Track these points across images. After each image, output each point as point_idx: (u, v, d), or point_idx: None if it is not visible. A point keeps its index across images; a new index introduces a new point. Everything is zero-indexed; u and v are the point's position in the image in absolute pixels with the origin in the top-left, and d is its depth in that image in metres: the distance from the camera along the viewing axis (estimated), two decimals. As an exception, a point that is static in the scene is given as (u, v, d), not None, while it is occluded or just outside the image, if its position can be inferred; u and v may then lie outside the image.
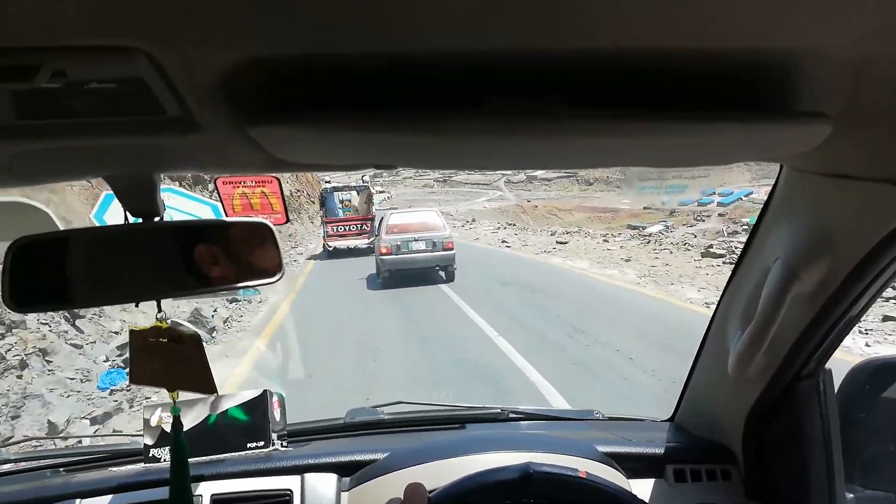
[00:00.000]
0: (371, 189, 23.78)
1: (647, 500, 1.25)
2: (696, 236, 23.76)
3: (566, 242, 24.78)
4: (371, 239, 19.13)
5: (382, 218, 16.31)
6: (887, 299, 8.98)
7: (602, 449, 1.52)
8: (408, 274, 13.78)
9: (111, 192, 1.08)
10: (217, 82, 0.61)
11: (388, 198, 66.33)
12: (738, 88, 0.67)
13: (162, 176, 1.04)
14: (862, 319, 1.24)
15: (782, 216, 1.17)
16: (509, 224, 41.54)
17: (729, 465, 1.50)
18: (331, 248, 21.52)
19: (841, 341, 1.23)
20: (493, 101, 0.64)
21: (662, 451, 1.56)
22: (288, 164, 0.85)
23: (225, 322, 10.45)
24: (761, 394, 1.34)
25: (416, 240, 14.03)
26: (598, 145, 0.77)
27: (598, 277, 14.65)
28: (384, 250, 13.95)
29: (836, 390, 1.31)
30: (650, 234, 26.00)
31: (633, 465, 1.52)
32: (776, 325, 1.16)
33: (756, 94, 0.68)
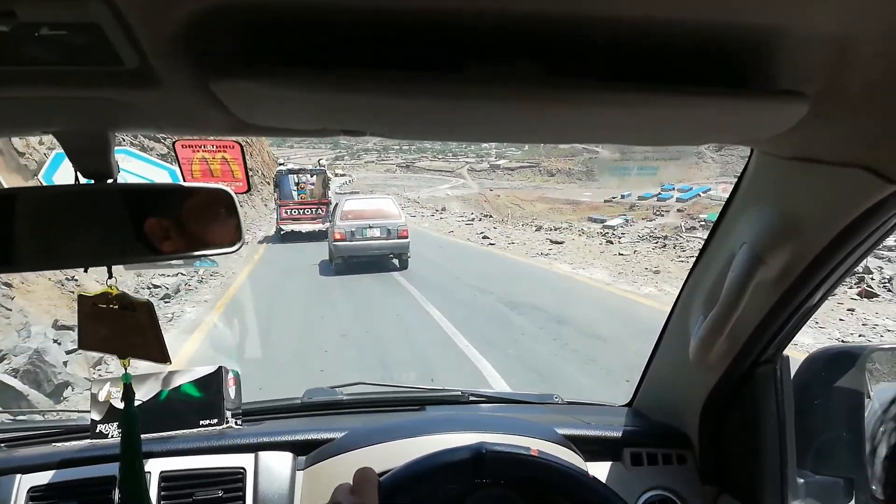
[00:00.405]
0: (328, 173, 23.66)
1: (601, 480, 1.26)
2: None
3: (562, 242, 20.83)
4: (325, 224, 18.90)
5: (337, 203, 16.23)
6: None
7: (561, 431, 1.53)
8: (361, 261, 13.76)
9: (62, 150, 1.02)
10: (180, 31, 0.57)
11: (350, 181, 65.67)
12: (718, 63, 0.66)
13: (117, 136, 0.98)
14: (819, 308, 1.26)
15: (750, 202, 1.17)
16: (485, 216, 38.84)
17: (685, 450, 1.53)
18: (284, 232, 21.30)
19: (800, 328, 1.25)
20: (471, 63, 0.62)
21: (620, 435, 1.58)
22: (251, 126, 0.81)
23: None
24: (720, 379, 1.36)
25: (370, 227, 14.06)
26: (574, 117, 0.76)
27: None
28: (338, 236, 13.93)
29: (792, 377, 1.33)
30: (613, 228, 26.31)
31: (591, 448, 1.53)
32: (739, 310, 1.17)
33: (736, 70, 0.67)
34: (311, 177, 22.75)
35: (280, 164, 23.53)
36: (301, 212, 21.63)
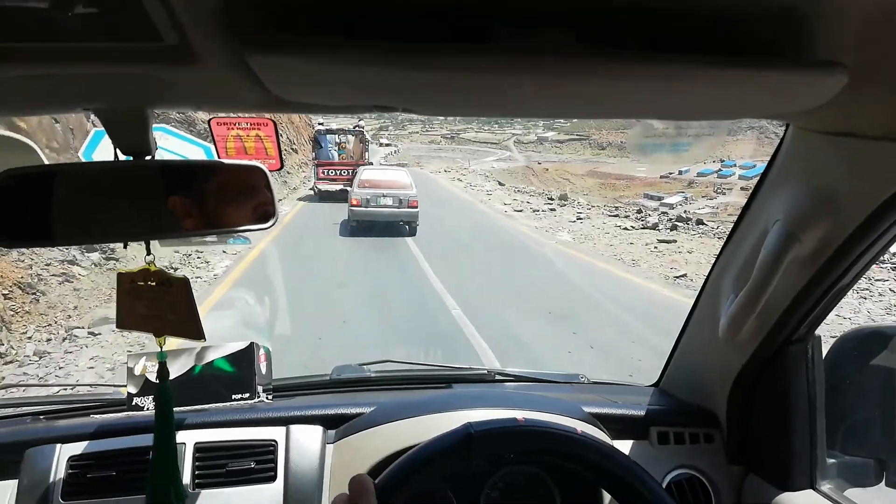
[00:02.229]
0: (366, 134, 23.45)
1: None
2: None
3: (673, 241, 15.31)
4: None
5: (356, 172, 17.19)
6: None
7: (587, 409, 1.53)
8: (374, 225, 14.94)
9: (101, 128, 1.04)
10: (217, 6, 0.58)
11: (396, 152, 64.75)
12: (754, 33, 0.65)
13: (155, 114, 0.99)
14: (854, 287, 1.22)
15: (785, 178, 1.16)
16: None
17: (712, 430, 1.52)
18: (320, 191, 21.30)
19: (833, 307, 1.23)
20: (501, 34, 0.62)
21: (646, 414, 1.58)
22: (286, 102, 0.81)
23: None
24: (749, 358, 1.34)
25: (384, 195, 15.19)
26: (605, 90, 0.75)
27: None
28: (354, 202, 15.24)
29: (823, 357, 1.30)
30: (671, 206, 24.40)
31: (618, 427, 1.53)
32: (771, 288, 1.16)
33: (772, 40, 0.66)
34: (352, 137, 22.67)
35: (319, 125, 23.35)
36: (339, 172, 21.42)
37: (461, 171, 44.82)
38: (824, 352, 1.32)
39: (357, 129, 23.09)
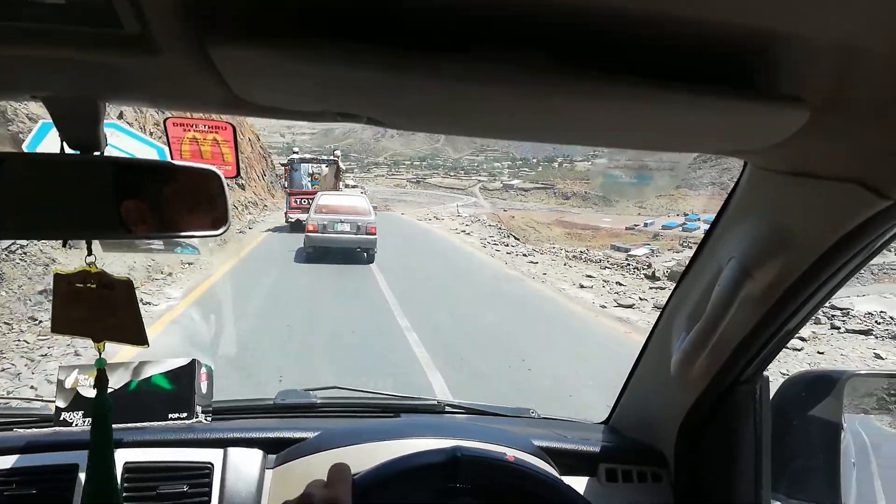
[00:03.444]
0: (341, 164, 23.48)
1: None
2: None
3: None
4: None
5: (314, 196, 16.99)
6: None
7: (537, 443, 1.51)
8: (331, 251, 14.61)
9: (49, 120, 1.00)
10: None
11: (363, 193, 65.05)
12: (718, 64, 0.65)
13: (107, 109, 0.96)
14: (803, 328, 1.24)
15: (741, 216, 1.17)
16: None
17: (660, 469, 1.51)
18: (293, 220, 20.96)
19: (782, 348, 1.25)
20: (474, 47, 0.61)
21: (596, 450, 1.56)
22: (247, 103, 0.79)
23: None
24: (699, 397, 1.34)
25: (342, 221, 14.93)
26: (572, 110, 0.75)
27: None
28: (311, 228, 14.87)
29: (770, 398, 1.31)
30: (636, 258, 24.94)
31: (567, 462, 1.52)
32: (723, 326, 1.17)
33: (737, 72, 0.67)
34: (325, 167, 22.75)
35: (294, 153, 23.37)
36: (311, 202, 21.46)
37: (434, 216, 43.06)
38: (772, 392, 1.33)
39: (331, 158, 23.21)
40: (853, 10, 0.57)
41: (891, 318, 11.41)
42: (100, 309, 1.04)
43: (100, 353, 1.09)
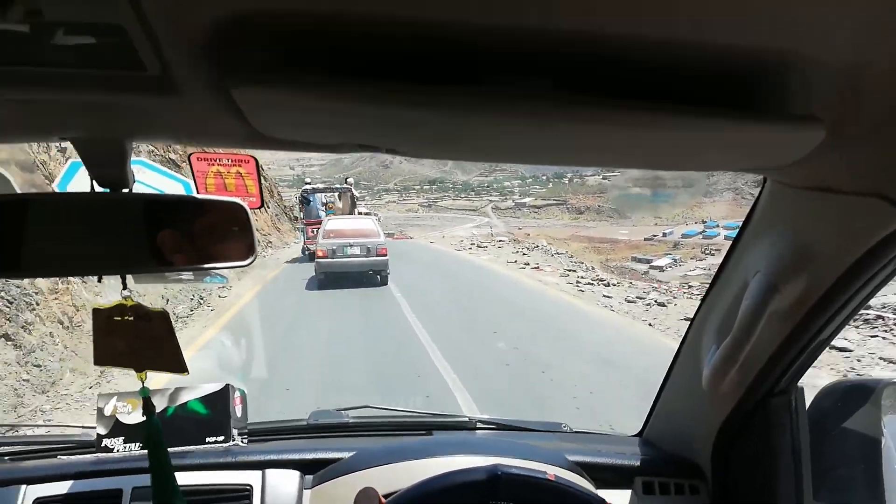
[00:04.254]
0: (354, 191, 23.50)
1: None
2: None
3: None
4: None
5: (322, 222, 16.76)
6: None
7: (571, 458, 1.51)
8: (343, 276, 14.25)
9: (78, 160, 1.03)
10: (203, 38, 0.58)
11: (377, 220, 64.90)
12: (733, 87, 0.66)
13: (134, 147, 0.98)
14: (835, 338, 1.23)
15: (764, 230, 1.16)
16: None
17: (697, 481, 1.50)
18: (310, 251, 20.64)
19: (815, 359, 1.23)
20: (485, 78, 0.62)
21: (631, 464, 1.56)
22: (268, 138, 0.81)
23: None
24: (733, 409, 1.33)
25: (351, 245, 14.58)
26: (586, 135, 0.75)
27: None
28: (321, 254, 14.50)
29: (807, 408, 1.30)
30: (660, 268, 23.83)
31: (602, 476, 1.51)
32: (753, 340, 1.15)
33: (751, 94, 0.67)
34: (338, 195, 22.85)
35: (306, 184, 23.52)
36: None
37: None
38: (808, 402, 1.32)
39: (344, 186, 23.30)
40: (857, 29, 0.57)
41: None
42: (138, 340, 1.06)
43: (142, 383, 1.12)
